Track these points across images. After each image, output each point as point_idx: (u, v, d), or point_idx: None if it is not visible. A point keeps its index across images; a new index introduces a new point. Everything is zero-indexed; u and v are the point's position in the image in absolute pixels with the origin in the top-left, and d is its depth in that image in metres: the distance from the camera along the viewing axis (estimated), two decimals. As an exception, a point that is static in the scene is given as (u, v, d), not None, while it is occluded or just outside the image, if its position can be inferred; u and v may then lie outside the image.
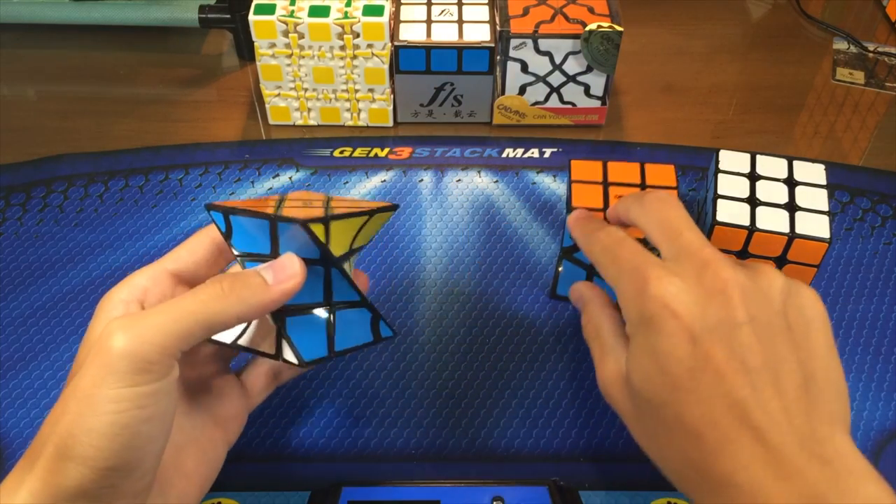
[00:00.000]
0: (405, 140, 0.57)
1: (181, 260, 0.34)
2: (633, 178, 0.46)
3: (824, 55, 0.66)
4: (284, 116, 0.57)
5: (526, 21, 0.53)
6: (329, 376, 0.43)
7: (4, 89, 0.62)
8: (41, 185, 0.53)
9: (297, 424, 0.41)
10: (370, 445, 0.40)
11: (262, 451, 0.40)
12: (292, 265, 0.31)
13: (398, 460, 0.39)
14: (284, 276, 0.30)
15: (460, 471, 0.39)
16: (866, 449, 0.40)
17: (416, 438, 0.40)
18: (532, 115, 0.57)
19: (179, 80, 0.63)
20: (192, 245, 0.34)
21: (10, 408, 0.41)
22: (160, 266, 0.33)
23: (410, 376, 0.43)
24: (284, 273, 0.31)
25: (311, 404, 0.42)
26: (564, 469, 0.39)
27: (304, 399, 0.42)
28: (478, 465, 0.39)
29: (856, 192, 0.53)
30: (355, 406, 0.41)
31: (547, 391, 0.42)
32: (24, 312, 0.46)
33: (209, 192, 0.53)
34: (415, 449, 0.40)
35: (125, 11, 0.62)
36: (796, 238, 0.42)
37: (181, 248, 0.34)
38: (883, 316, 0.46)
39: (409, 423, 0.41)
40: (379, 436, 0.40)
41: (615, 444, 0.40)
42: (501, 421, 0.41)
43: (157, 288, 0.33)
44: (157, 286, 0.33)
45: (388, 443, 0.40)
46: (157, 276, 0.33)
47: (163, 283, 0.33)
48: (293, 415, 0.41)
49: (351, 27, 0.52)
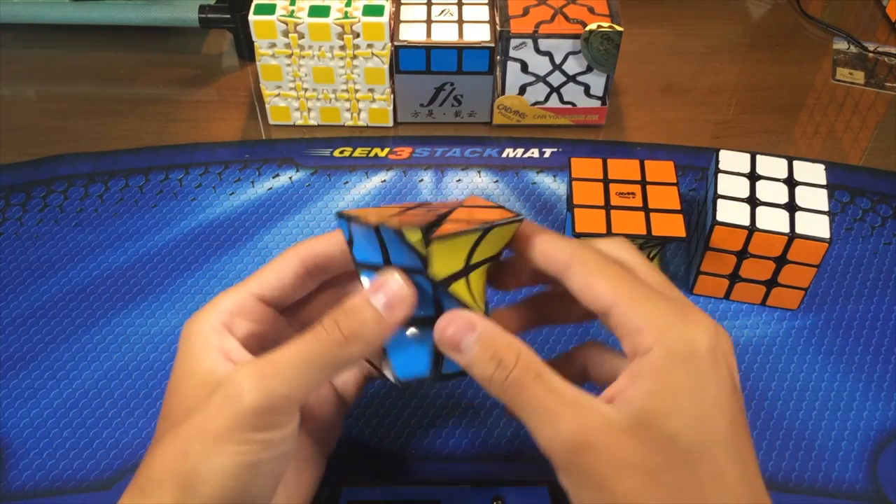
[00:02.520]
0: (405, 140, 0.57)
1: (267, 284, 0.32)
2: (634, 175, 0.46)
3: (824, 55, 0.66)
4: (284, 116, 0.57)
5: (526, 21, 0.53)
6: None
7: (4, 89, 0.62)
8: (41, 185, 0.53)
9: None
10: (370, 445, 0.40)
11: (262, 451, 0.40)
12: (401, 289, 0.29)
13: (398, 460, 0.39)
14: (396, 303, 0.28)
15: (460, 471, 0.39)
16: (866, 449, 0.40)
17: (416, 438, 0.40)
18: (532, 115, 0.57)
19: (179, 80, 0.63)
20: (277, 267, 0.32)
21: (10, 408, 0.41)
22: (246, 290, 0.32)
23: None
24: (395, 300, 0.28)
25: (311, 404, 0.42)
26: (564, 469, 0.39)
27: (304, 399, 0.42)
28: (478, 465, 0.39)
29: (856, 192, 0.53)
30: (355, 406, 0.41)
31: (547, 391, 0.42)
32: (24, 312, 0.46)
33: (209, 192, 0.53)
34: (415, 449, 0.40)
35: (125, 11, 0.62)
36: (796, 238, 0.42)
37: (267, 270, 0.32)
38: (883, 316, 0.46)
39: (410, 423, 0.41)
40: (379, 436, 0.40)
41: (615, 444, 0.40)
42: (501, 421, 0.41)
43: (244, 314, 0.31)
44: (245, 311, 0.32)
45: (388, 443, 0.40)
46: (243, 301, 0.32)
47: (250, 308, 0.32)
48: (293, 415, 0.41)
49: (351, 27, 0.52)
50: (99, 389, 0.42)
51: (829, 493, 0.39)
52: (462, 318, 0.29)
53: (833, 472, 0.39)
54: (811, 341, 0.45)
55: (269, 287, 0.32)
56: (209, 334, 0.30)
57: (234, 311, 0.31)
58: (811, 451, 0.40)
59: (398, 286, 0.29)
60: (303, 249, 0.32)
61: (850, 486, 0.39)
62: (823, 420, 0.41)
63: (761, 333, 0.45)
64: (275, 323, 0.33)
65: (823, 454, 0.40)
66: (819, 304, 0.47)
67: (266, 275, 0.32)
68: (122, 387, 0.42)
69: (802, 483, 0.39)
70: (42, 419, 0.41)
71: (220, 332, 0.30)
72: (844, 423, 0.41)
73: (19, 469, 0.39)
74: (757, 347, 0.44)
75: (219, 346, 0.30)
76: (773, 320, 0.46)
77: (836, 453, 0.40)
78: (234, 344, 0.30)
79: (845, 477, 0.39)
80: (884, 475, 0.39)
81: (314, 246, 0.33)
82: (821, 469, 0.39)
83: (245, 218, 0.51)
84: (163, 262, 0.48)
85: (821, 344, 0.45)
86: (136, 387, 0.42)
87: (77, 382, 0.42)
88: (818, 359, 0.44)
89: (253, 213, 0.52)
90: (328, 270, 0.33)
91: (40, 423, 0.41)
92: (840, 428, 0.41)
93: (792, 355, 0.44)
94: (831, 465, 0.40)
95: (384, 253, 0.30)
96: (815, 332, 0.45)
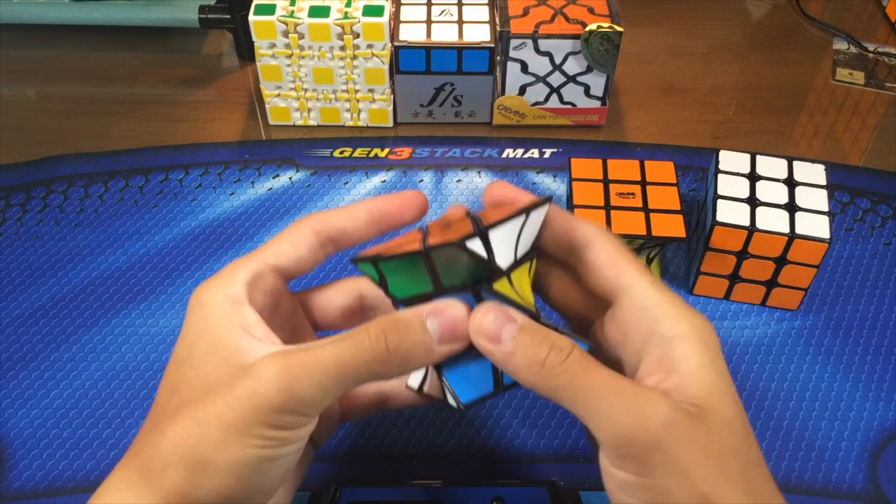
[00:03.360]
0: (405, 140, 0.57)
1: (284, 254, 0.30)
2: (634, 176, 0.46)
3: (824, 55, 0.66)
4: (284, 117, 0.57)
5: (526, 21, 0.53)
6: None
7: (4, 89, 0.62)
8: (41, 185, 0.53)
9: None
10: (370, 445, 0.40)
11: (262, 452, 0.40)
12: (461, 320, 0.27)
13: (398, 460, 0.39)
14: (451, 333, 0.27)
15: (460, 471, 0.39)
16: (866, 449, 0.40)
17: (416, 438, 0.40)
18: (532, 116, 0.57)
19: (179, 81, 0.63)
20: (293, 237, 0.30)
21: (10, 408, 0.41)
22: (262, 260, 0.30)
23: (410, 376, 0.43)
24: (452, 330, 0.27)
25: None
26: (564, 469, 0.39)
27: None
28: (478, 465, 0.39)
29: (856, 192, 0.53)
30: (355, 406, 0.41)
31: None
32: (24, 312, 0.46)
33: (209, 192, 0.53)
34: (415, 449, 0.40)
35: (125, 11, 0.62)
36: (796, 238, 0.42)
37: (282, 239, 0.30)
38: (883, 316, 0.46)
39: (409, 424, 0.41)
40: (379, 436, 0.40)
41: (615, 445, 0.40)
42: (501, 421, 0.41)
43: (261, 286, 0.29)
44: (262, 283, 0.29)
45: (388, 443, 0.40)
46: (261, 272, 0.29)
47: (267, 279, 0.30)
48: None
49: (351, 27, 0.52)
50: (99, 389, 0.42)
51: (829, 494, 0.39)
52: (499, 309, 0.27)
53: (833, 472, 0.39)
54: (811, 342, 0.45)
55: (286, 258, 0.30)
56: (228, 306, 0.28)
57: (252, 282, 0.29)
58: (811, 451, 0.40)
59: (459, 316, 0.27)
60: (316, 221, 0.31)
61: (850, 486, 0.39)
62: (823, 420, 0.41)
63: (761, 334, 0.45)
64: (286, 297, 0.31)
65: (823, 454, 0.40)
66: (819, 305, 0.47)
67: (282, 244, 0.30)
68: (122, 387, 0.42)
69: (802, 483, 0.39)
70: (42, 419, 0.41)
71: (240, 304, 0.28)
72: (844, 423, 0.41)
73: (19, 469, 0.39)
74: (757, 348, 0.44)
75: (240, 320, 0.28)
76: (773, 321, 0.46)
77: (836, 453, 0.40)
78: (256, 319, 0.28)
79: (845, 477, 0.39)
80: (884, 475, 0.39)
81: (327, 219, 0.31)
82: (821, 469, 0.39)
83: (245, 218, 0.51)
84: (163, 262, 0.49)
85: (821, 344, 0.45)
86: (136, 387, 0.42)
87: (77, 382, 0.42)
88: (818, 359, 0.44)
89: (253, 213, 0.52)
90: (339, 244, 0.32)
91: (40, 423, 0.41)
92: (840, 428, 0.41)
93: (792, 356, 0.44)
94: (831, 465, 0.40)
95: (434, 278, 0.27)
96: (815, 332, 0.45)
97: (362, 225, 0.31)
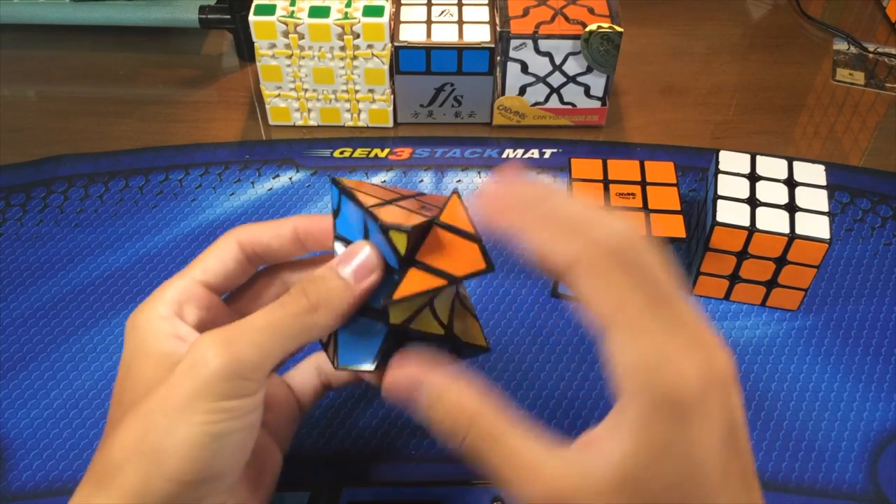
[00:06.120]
0: (405, 141, 0.57)
1: (211, 269, 0.32)
2: (634, 176, 0.46)
3: (824, 56, 0.66)
4: (284, 117, 0.57)
5: (526, 21, 0.53)
6: (329, 376, 0.43)
7: (4, 89, 0.62)
8: (41, 185, 0.53)
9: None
10: (370, 445, 0.40)
11: (262, 452, 0.40)
12: (369, 258, 0.29)
13: (398, 460, 0.39)
14: (363, 271, 0.29)
15: (460, 471, 0.39)
16: (866, 449, 0.40)
17: (416, 438, 0.40)
18: (532, 116, 0.57)
19: (179, 81, 0.63)
20: (219, 252, 0.32)
21: (10, 408, 0.41)
22: (190, 277, 0.31)
23: (410, 377, 0.43)
24: (363, 268, 0.29)
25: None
26: (564, 469, 0.39)
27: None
28: (478, 465, 0.39)
29: (856, 192, 0.53)
30: (355, 406, 0.41)
31: (547, 391, 0.42)
32: (24, 312, 0.46)
33: (209, 192, 0.53)
34: (415, 449, 0.40)
35: (125, 12, 0.62)
36: (796, 239, 0.42)
37: (208, 255, 0.32)
38: (883, 316, 0.46)
39: (410, 424, 0.41)
40: (379, 436, 0.40)
41: (615, 445, 0.40)
42: (501, 421, 0.41)
43: (191, 301, 0.31)
44: (192, 298, 0.31)
45: (388, 443, 0.40)
46: (189, 288, 0.31)
47: (197, 294, 0.31)
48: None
49: (351, 28, 0.52)
50: (99, 389, 0.42)
51: (829, 494, 0.39)
52: (405, 376, 0.28)
53: (833, 472, 0.39)
54: (811, 342, 0.45)
55: (213, 273, 0.32)
56: (159, 323, 0.29)
57: (182, 298, 0.30)
58: (811, 451, 0.40)
59: (366, 256, 0.29)
60: (242, 235, 0.32)
61: (850, 486, 0.39)
62: (823, 420, 0.41)
63: (761, 334, 0.45)
64: (221, 309, 0.32)
65: (823, 454, 0.40)
66: (819, 305, 0.47)
67: (208, 260, 0.32)
68: (122, 387, 0.42)
69: (802, 483, 0.39)
70: (42, 419, 0.41)
71: (170, 319, 0.30)
72: (844, 423, 0.41)
73: (19, 469, 0.39)
74: (757, 348, 0.44)
75: (172, 332, 0.29)
76: (773, 321, 0.46)
77: (836, 454, 0.40)
78: (188, 329, 0.30)
79: (845, 477, 0.39)
80: (884, 475, 0.39)
81: (253, 233, 0.32)
82: (821, 469, 0.39)
83: (245, 218, 0.51)
84: (163, 262, 0.49)
85: (821, 344, 0.45)
86: (136, 387, 0.42)
87: (77, 382, 0.42)
88: (818, 359, 0.44)
89: (253, 213, 0.52)
90: (265, 259, 0.33)
91: (40, 424, 0.41)
92: (840, 428, 0.41)
93: (792, 356, 0.44)
94: (831, 465, 0.40)
95: (365, 236, 0.29)
96: (815, 332, 0.45)
97: (287, 243, 0.33)
